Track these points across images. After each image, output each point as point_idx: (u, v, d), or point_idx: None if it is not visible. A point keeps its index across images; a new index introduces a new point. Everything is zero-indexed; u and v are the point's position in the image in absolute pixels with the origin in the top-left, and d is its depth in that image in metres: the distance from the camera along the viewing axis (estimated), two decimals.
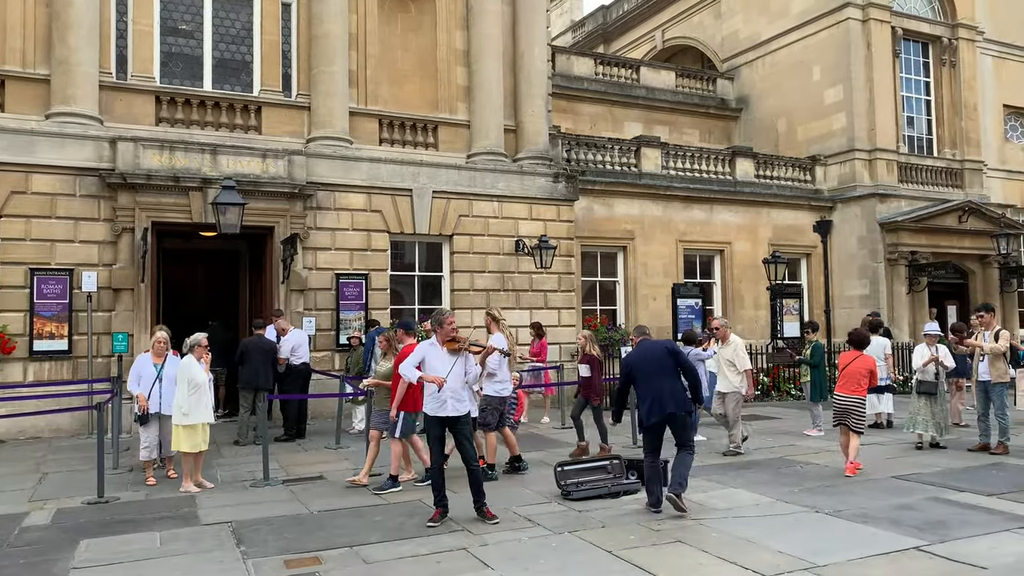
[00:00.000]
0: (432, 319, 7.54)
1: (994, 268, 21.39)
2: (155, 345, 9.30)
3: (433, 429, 7.23)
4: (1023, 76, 23.74)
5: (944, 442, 11.07)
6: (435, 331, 7.41)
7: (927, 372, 11.05)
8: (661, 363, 7.55)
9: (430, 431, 7.27)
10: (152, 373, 9.11)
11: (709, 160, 19.69)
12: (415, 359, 7.31)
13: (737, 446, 10.54)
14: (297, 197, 13.83)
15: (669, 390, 7.43)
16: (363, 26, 15.02)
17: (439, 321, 7.39)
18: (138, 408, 8.99)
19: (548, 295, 15.96)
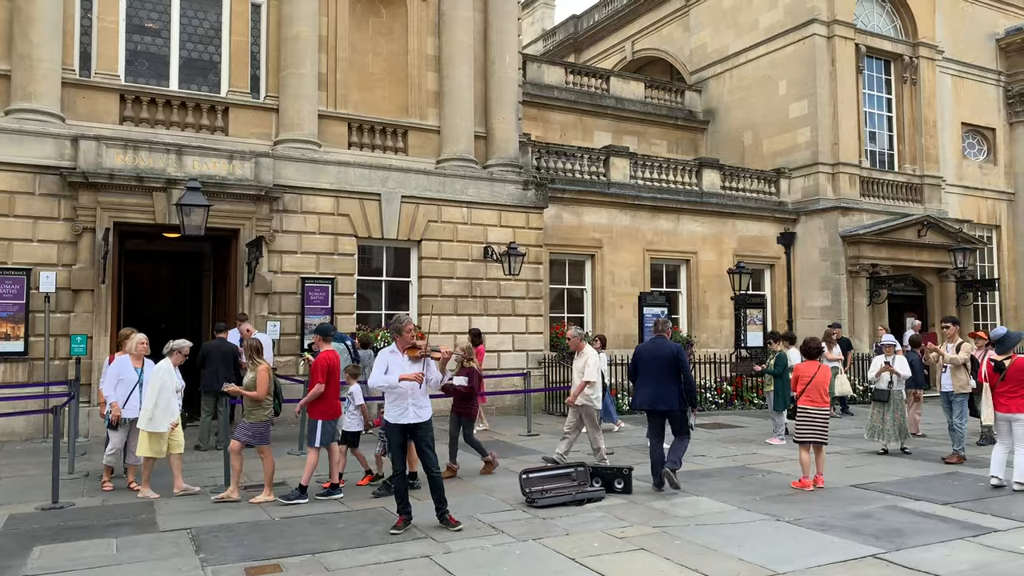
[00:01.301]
0: (391, 327, 7.50)
1: (951, 282, 21.90)
2: (138, 347, 9.05)
3: (394, 436, 7.19)
4: (980, 95, 24.41)
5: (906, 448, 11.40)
6: (395, 339, 7.38)
7: (881, 381, 11.36)
8: (665, 365, 8.73)
9: (391, 438, 7.24)
10: (133, 377, 8.86)
11: (676, 171, 19.91)
12: (380, 368, 7.26)
13: (602, 457, 9.97)
14: (263, 200, 13.68)
15: (664, 391, 8.68)
16: (334, 29, 14.94)
17: (398, 329, 7.33)
18: (110, 415, 8.73)
19: (516, 302, 15.99)
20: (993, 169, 24.66)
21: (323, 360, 8.53)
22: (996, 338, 9.23)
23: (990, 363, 9.07)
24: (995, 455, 8.96)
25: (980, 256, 23.53)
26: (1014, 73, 24.68)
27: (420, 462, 7.33)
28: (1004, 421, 8.89)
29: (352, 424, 9.10)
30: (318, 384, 8.41)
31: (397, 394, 7.12)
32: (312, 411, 8.54)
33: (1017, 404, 8.73)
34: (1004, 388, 8.81)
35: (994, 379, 8.95)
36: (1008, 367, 8.79)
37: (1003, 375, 8.80)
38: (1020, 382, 8.75)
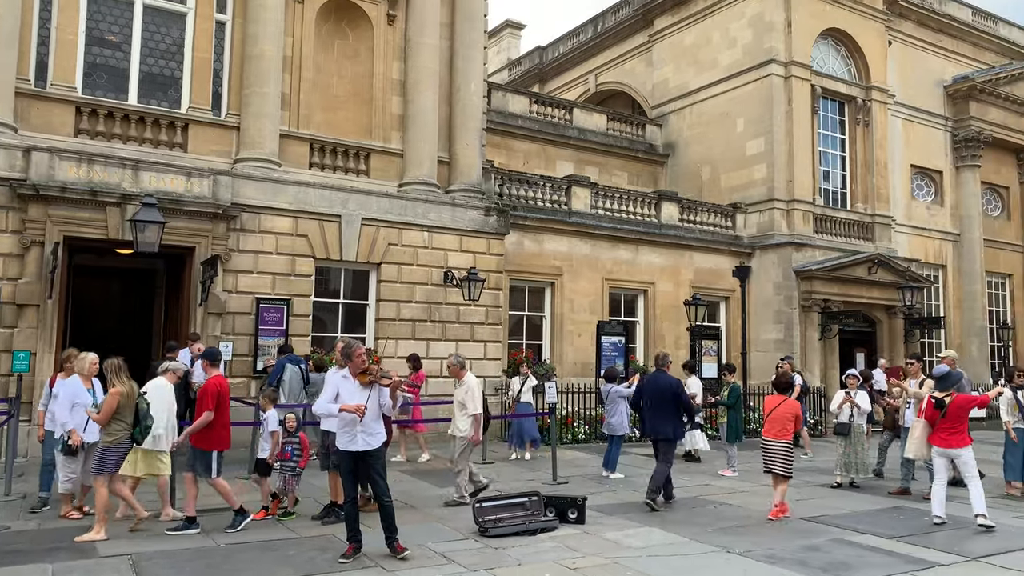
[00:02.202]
0: (341, 352, 7.41)
1: (899, 318, 22.47)
2: (91, 368, 8.62)
3: (344, 463, 7.09)
4: (929, 139, 25.29)
5: (861, 482, 11.53)
6: (346, 364, 7.29)
7: (842, 414, 11.56)
8: (664, 397, 9.88)
9: (341, 465, 7.13)
10: (88, 400, 8.48)
11: (636, 202, 20.18)
12: (330, 393, 7.14)
13: (462, 496, 9.41)
14: (221, 218, 13.49)
15: (662, 422, 9.85)
16: (299, 50, 14.91)
17: (348, 354, 7.23)
18: (69, 439, 8.30)
19: (475, 327, 15.94)
20: (940, 210, 25.49)
21: (212, 386, 7.99)
22: (938, 375, 9.46)
23: (931, 400, 9.18)
24: (935, 495, 9.00)
25: (927, 294, 24.20)
26: (960, 119, 25.64)
27: (370, 489, 7.22)
28: (943, 457, 8.99)
29: (266, 451, 8.80)
30: (206, 412, 7.85)
31: (346, 420, 7.02)
32: (198, 440, 7.96)
33: (958, 440, 8.89)
34: (945, 424, 8.95)
35: (935, 416, 9.05)
36: (949, 404, 8.94)
37: (944, 412, 8.94)
38: (961, 419, 8.96)
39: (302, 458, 8.88)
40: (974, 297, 25.30)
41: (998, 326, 26.18)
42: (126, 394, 7.85)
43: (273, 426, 8.85)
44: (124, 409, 7.82)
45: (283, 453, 8.83)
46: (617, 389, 12.36)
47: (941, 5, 25.84)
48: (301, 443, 8.91)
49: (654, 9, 24.81)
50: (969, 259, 25.41)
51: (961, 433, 8.93)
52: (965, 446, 8.90)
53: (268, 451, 8.80)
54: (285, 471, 8.77)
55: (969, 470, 8.88)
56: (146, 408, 7.95)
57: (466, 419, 9.53)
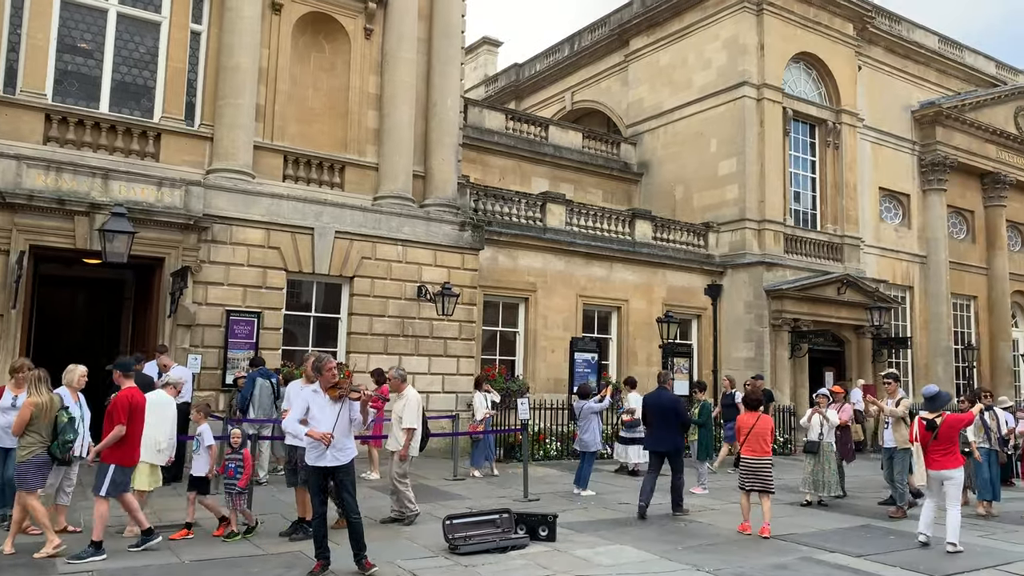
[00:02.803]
0: (312, 366, 7.34)
1: (868, 338, 22.79)
2: (80, 380, 8.41)
3: (314, 479, 7.01)
4: (897, 162, 25.80)
5: (828, 501, 11.59)
6: (316, 378, 7.21)
7: (812, 432, 11.65)
8: (665, 414, 10.60)
9: (310, 481, 7.03)
10: (78, 413, 8.23)
11: (611, 220, 20.31)
12: (300, 408, 7.05)
13: (400, 512, 9.27)
14: (192, 229, 13.34)
15: (664, 435, 10.54)
16: (275, 62, 14.85)
17: (319, 368, 7.14)
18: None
19: (448, 343, 15.89)
20: (908, 233, 25.97)
21: (123, 398, 7.56)
22: (928, 396, 9.31)
23: (922, 422, 9.02)
24: (924, 513, 8.93)
25: (895, 315, 24.60)
26: (927, 144, 26.21)
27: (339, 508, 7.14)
28: (936, 479, 8.85)
29: (200, 468, 8.39)
30: (118, 426, 7.42)
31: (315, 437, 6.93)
32: (107, 455, 7.50)
33: (950, 461, 8.78)
34: (937, 446, 8.81)
35: (926, 438, 8.92)
36: (940, 425, 8.82)
37: (935, 433, 8.81)
38: (952, 439, 8.88)
39: (243, 475, 8.33)
40: (940, 318, 25.75)
41: (963, 347, 26.65)
42: (41, 405, 7.56)
43: (208, 440, 8.48)
44: (38, 421, 7.53)
45: (224, 470, 8.42)
46: (590, 406, 12.37)
47: (909, 32, 26.47)
48: (244, 460, 8.39)
49: (630, 29, 25.11)
50: (935, 281, 25.88)
51: (953, 454, 8.85)
52: (958, 467, 8.85)
53: (203, 468, 8.38)
54: (227, 490, 8.36)
55: (955, 493, 8.78)
56: (65, 422, 7.64)
57: (403, 433, 9.32)
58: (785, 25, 22.30)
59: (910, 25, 26.67)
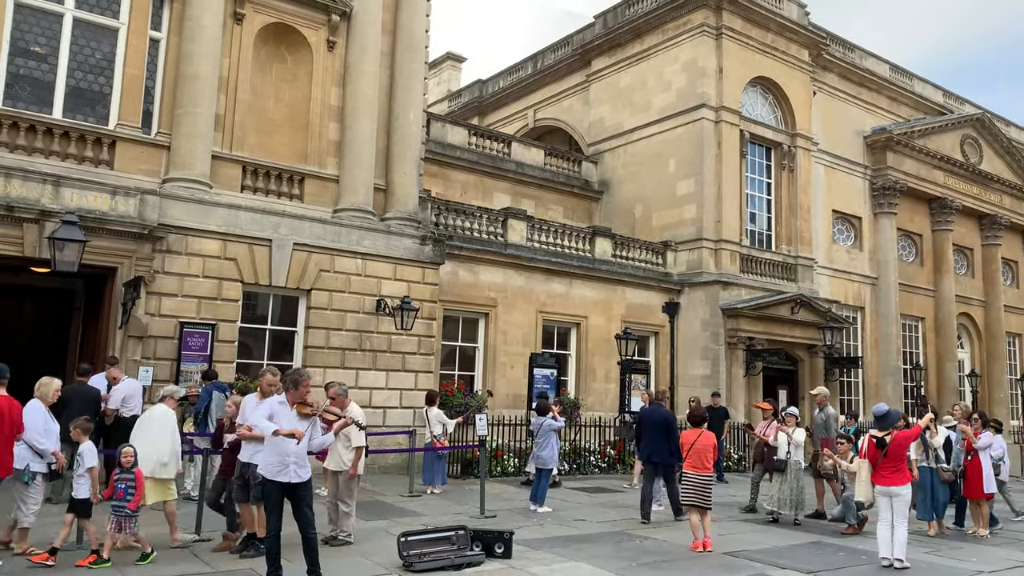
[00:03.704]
0: (288, 378, 7.20)
1: (820, 357, 23.25)
2: (54, 394, 8.21)
3: (273, 494, 6.88)
4: (849, 186, 26.48)
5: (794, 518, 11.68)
6: (287, 390, 7.11)
7: (780, 451, 11.82)
8: (658, 428, 11.71)
9: (270, 496, 6.91)
10: (55, 428, 8.06)
11: (571, 236, 20.46)
12: (264, 414, 6.93)
13: (333, 535, 8.88)
14: (146, 238, 13.08)
15: (658, 448, 11.59)
16: (235, 71, 14.71)
17: (296, 381, 7.07)
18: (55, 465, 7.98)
19: (407, 357, 15.79)
20: (859, 254, 26.63)
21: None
22: (878, 414, 9.53)
23: (872, 439, 9.22)
24: (881, 535, 9.00)
25: (846, 335, 25.15)
26: (878, 168, 26.96)
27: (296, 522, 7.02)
28: (885, 496, 9.01)
29: (81, 490, 7.80)
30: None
31: (279, 450, 6.83)
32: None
33: (899, 478, 8.96)
34: (886, 463, 8.99)
35: (876, 455, 9.11)
36: (889, 443, 9.01)
37: (885, 451, 8.99)
38: (900, 457, 9.07)
39: (134, 497, 7.80)
40: (890, 339, 26.40)
41: (911, 367, 27.35)
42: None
43: (91, 461, 7.90)
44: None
45: (114, 491, 7.83)
46: (548, 422, 12.40)
47: (862, 60, 27.28)
48: (136, 480, 7.85)
49: (592, 50, 25.44)
50: (885, 302, 26.55)
51: (901, 471, 9.03)
52: (905, 484, 9.02)
53: (84, 490, 7.78)
54: (116, 512, 7.80)
55: (903, 509, 8.92)
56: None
57: (349, 452, 8.99)
58: (743, 50, 22.81)
59: (863, 53, 27.50)
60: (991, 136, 30.73)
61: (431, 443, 13.30)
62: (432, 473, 13.29)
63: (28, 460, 7.80)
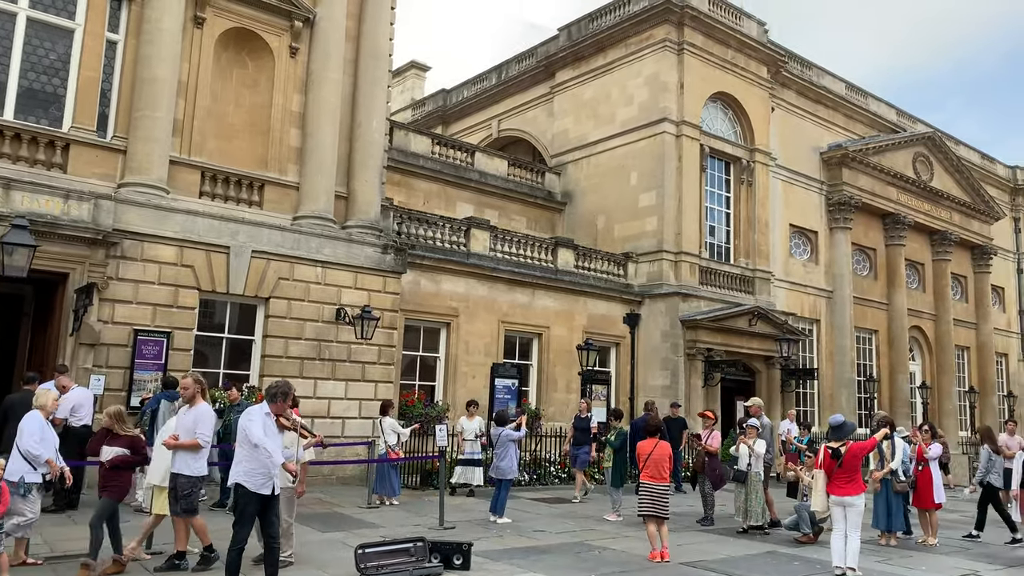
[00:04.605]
0: (279, 390, 7.03)
1: (777, 369, 23.62)
2: (53, 404, 8.09)
3: (251, 506, 6.77)
4: (806, 201, 27.01)
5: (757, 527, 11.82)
6: (275, 401, 6.99)
7: (740, 461, 11.97)
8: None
9: (247, 507, 6.76)
10: (53, 436, 7.88)
11: (534, 247, 20.53)
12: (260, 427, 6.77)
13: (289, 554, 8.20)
14: (100, 244, 12.80)
15: None
16: (195, 75, 14.50)
17: (285, 393, 7.02)
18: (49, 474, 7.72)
19: (366, 367, 15.65)
20: (815, 268, 27.16)
21: None
22: (834, 425, 9.72)
23: (827, 450, 9.33)
24: (834, 545, 9.10)
25: (802, 347, 25.59)
26: (834, 184, 27.56)
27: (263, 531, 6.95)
28: (839, 505, 9.13)
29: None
30: None
31: (265, 462, 6.74)
32: None
33: (853, 488, 9.10)
34: (841, 474, 9.12)
35: (831, 465, 9.23)
36: (844, 453, 9.15)
37: (840, 461, 9.13)
38: (855, 467, 9.20)
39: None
40: (844, 351, 26.94)
41: (865, 378, 27.93)
42: None
43: None
44: None
45: None
46: (508, 432, 12.37)
47: (819, 78, 27.91)
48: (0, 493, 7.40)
49: (556, 62, 25.62)
50: (840, 315, 27.09)
51: (856, 481, 9.16)
52: (859, 494, 9.17)
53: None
54: None
55: (856, 519, 9.05)
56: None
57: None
58: (704, 65, 23.18)
59: (820, 71, 28.14)
60: (942, 154, 31.65)
61: (385, 453, 13.19)
62: (386, 483, 13.15)
63: (23, 472, 7.60)
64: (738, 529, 11.97)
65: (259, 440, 6.67)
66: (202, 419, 7.96)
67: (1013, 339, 37.15)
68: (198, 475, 7.92)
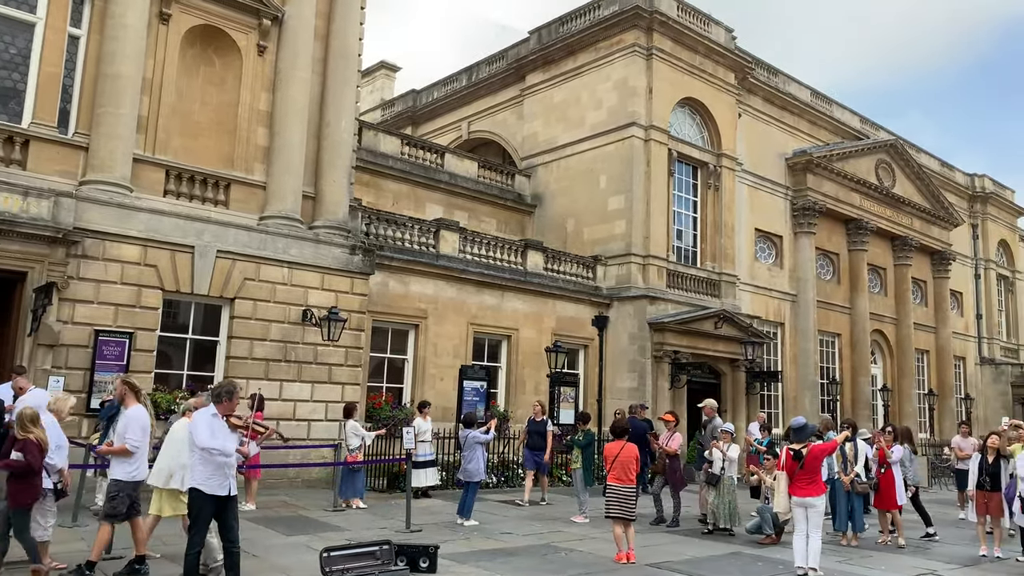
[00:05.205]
0: (222, 389, 6.97)
1: (742, 371, 23.90)
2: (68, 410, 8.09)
3: (207, 508, 6.68)
4: (772, 206, 27.39)
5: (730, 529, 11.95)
6: (221, 401, 6.91)
7: (714, 465, 12.11)
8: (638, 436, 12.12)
9: (203, 511, 6.68)
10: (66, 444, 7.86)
11: (503, 249, 20.53)
12: (206, 430, 6.69)
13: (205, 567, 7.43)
14: (60, 243, 12.54)
15: None
16: (160, 72, 14.28)
17: (230, 392, 6.94)
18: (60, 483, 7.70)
19: (333, 369, 15.53)
20: (780, 272, 27.54)
21: None
22: (796, 427, 9.87)
23: (789, 452, 9.52)
24: (796, 545, 9.24)
25: (767, 350, 25.94)
26: (799, 189, 27.98)
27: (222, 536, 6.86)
28: (800, 507, 9.28)
29: None
30: None
31: (219, 463, 6.65)
32: None
33: (814, 489, 9.26)
34: (802, 475, 9.28)
35: (793, 467, 9.40)
36: (806, 455, 9.31)
37: (802, 463, 9.29)
38: (816, 469, 9.37)
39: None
40: (808, 354, 27.34)
41: (828, 381, 28.38)
42: None
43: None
44: None
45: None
46: (475, 435, 12.37)
47: (785, 84, 28.32)
48: None
49: (526, 65, 25.67)
50: (804, 318, 27.51)
51: (816, 483, 9.31)
52: (820, 495, 9.33)
53: None
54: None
55: (817, 520, 9.20)
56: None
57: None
58: (672, 71, 23.39)
59: (786, 78, 28.56)
60: (903, 161, 32.31)
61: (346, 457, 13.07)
62: (349, 487, 13.01)
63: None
64: (703, 531, 12.12)
65: (204, 443, 6.61)
66: (131, 423, 7.75)
67: (970, 343, 38.06)
68: (132, 480, 7.70)
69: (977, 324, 38.62)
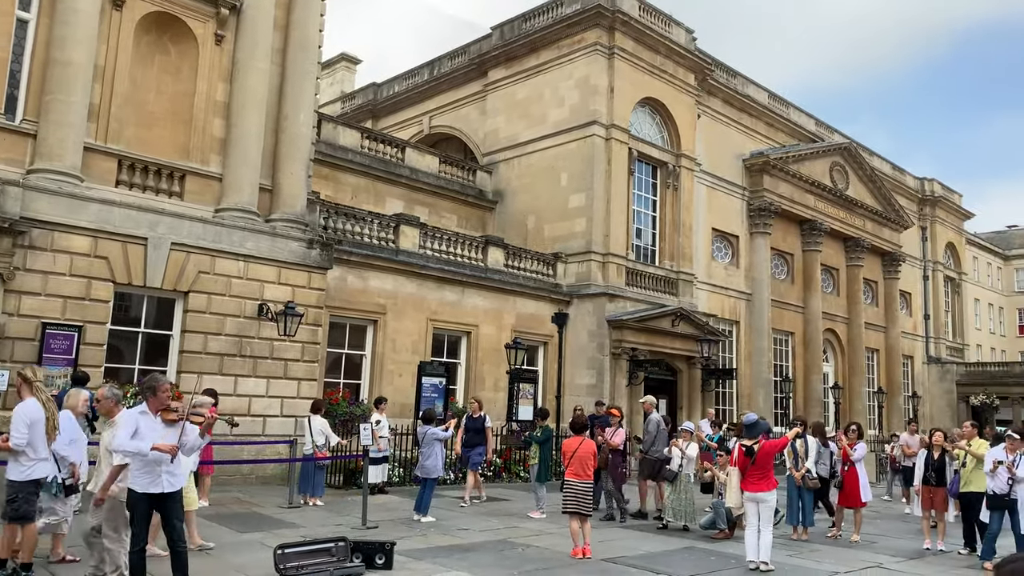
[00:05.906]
0: (144, 385, 6.82)
1: (698, 368, 24.24)
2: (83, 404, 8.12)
3: (141, 506, 6.51)
4: (729, 206, 27.81)
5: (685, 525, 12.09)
6: (147, 398, 6.74)
7: (673, 463, 12.26)
8: None
9: (137, 509, 6.53)
10: (82, 438, 7.79)
11: (464, 245, 20.50)
12: (128, 429, 6.54)
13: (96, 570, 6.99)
14: (6, 232, 12.16)
15: None
16: (113, 60, 13.93)
17: (152, 387, 6.68)
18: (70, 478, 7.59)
19: (289, 364, 15.33)
20: (736, 271, 27.98)
21: None
22: (748, 423, 10.06)
23: (741, 448, 9.70)
24: (748, 540, 9.40)
25: (723, 347, 26.34)
26: (755, 190, 28.45)
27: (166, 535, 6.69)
28: (752, 502, 9.45)
29: None
30: None
31: (148, 460, 6.46)
32: None
33: (766, 484, 9.43)
34: (754, 471, 9.46)
35: (745, 463, 9.59)
36: (758, 451, 9.49)
37: (753, 459, 9.47)
38: (768, 465, 9.55)
39: None
40: (762, 352, 27.85)
41: (781, 379, 28.94)
42: None
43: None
44: None
45: None
46: (433, 431, 12.33)
47: (743, 87, 28.75)
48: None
49: (489, 60, 25.64)
50: (759, 317, 28.00)
51: (768, 478, 9.48)
52: (771, 490, 9.49)
53: None
54: None
55: (768, 515, 9.38)
56: None
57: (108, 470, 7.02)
58: (634, 70, 23.57)
59: (745, 80, 28.99)
60: (857, 164, 33.06)
61: (312, 453, 12.94)
62: (310, 483, 12.91)
63: (54, 472, 7.41)
64: (658, 526, 12.28)
65: (118, 446, 6.45)
66: (15, 417, 7.09)
67: (918, 342, 39.16)
68: (27, 479, 7.09)
69: (925, 324, 39.76)
